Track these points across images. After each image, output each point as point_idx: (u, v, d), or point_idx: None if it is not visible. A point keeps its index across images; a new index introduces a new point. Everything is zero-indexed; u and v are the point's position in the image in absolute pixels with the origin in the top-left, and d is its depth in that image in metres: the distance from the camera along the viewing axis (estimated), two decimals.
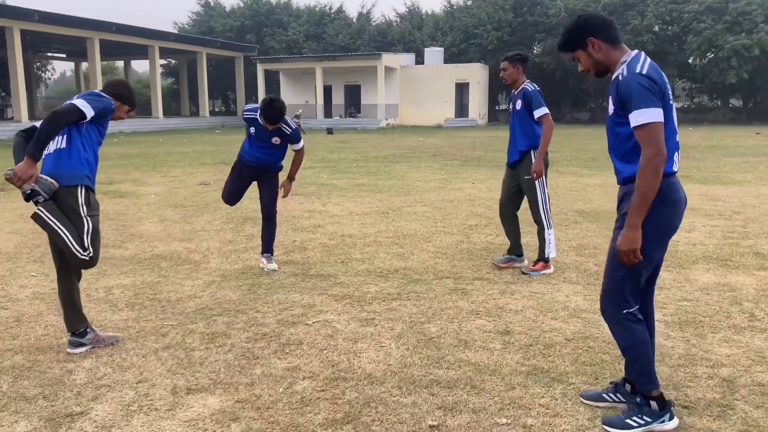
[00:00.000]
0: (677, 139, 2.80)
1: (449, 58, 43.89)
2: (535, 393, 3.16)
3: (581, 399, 3.08)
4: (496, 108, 49.54)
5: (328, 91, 42.21)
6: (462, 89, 41.11)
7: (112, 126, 34.43)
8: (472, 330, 4.04)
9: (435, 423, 2.87)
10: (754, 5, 37.74)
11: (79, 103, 3.56)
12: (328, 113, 41.86)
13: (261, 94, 42.22)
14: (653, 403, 2.82)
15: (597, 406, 3.02)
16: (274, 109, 5.05)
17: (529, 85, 5.31)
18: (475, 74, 40.89)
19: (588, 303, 4.56)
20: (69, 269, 3.76)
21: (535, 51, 44.92)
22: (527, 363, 3.53)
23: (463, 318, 4.27)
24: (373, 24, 51.03)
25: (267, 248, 5.57)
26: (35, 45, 40.20)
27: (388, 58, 39.33)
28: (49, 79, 63.79)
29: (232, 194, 5.56)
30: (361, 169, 14.28)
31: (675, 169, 2.77)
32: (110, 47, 37.67)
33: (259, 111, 5.20)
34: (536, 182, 5.32)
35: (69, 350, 3.74)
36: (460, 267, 5.61)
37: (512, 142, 5.46)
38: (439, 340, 3.87)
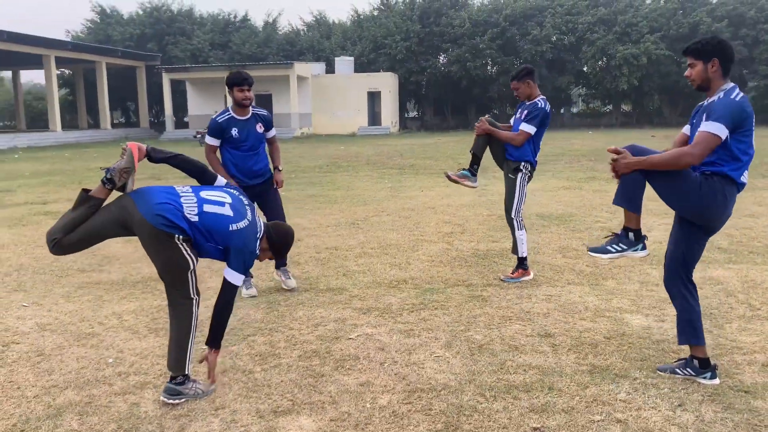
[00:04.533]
0: (751, 153, 3.25)
1: (359, 67, 44.26)
2: (609, 390, 3.36)
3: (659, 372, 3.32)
4: (406, 116, 50.47)
5: None
6: (374, 98, 41.56)
7: (5, 141, 32.15)
8: (515, 335, 4.21)
9: (538, 426, 3.01)
10: (640, 17, 40.69)
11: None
12: None
13: (167, 104, 40.82)
14: (695, 361, 3.44)
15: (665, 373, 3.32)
16: (240, 71, 5.19)
17: (541, 101, 5.35)
18: (386, 83, 41.48)
19: (603, 302, 4.85)
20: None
21: (441, 60, 46.16)
22: (584, 362, 3.73)
23: (498, 324, 4.43)
24: (281, 33, 50.58)
25: (282, 263, 5.49)
26: None
27: (300, 67, 39.14)
28: None
29: None
30: (302, 180, 14.19)
31: (744, 180, 3.18)
32: None
33: (227, 89, 5.19)
34: (518, 184, 5.45)
35: (164, 398, 3.33)
36: (463, 274, 5.77)
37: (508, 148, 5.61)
38: (490, 347, 4.01)
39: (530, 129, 5.33)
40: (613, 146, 3.36)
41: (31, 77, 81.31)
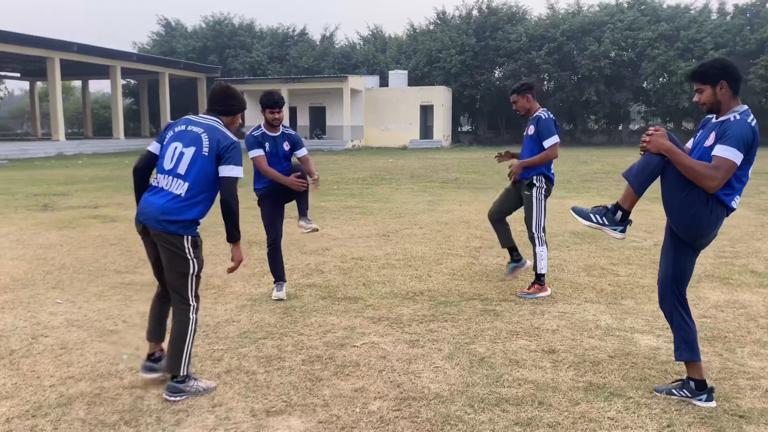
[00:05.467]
0: (745, 181, 3.26)
1: (413, 81, 44.54)
2: (600, 407, 3.36)
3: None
4: (459, 130, 50.36)
5: (293, 112, 42.28)
6: (426, 111, 41.72)
7: (73, 147, 33.73)
8: (518, 350, 4.22)
9: None
10: (704, 33, 39.56)
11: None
12: None
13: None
14: (692, 383, 3.40)
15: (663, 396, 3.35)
16: (273, 93, 5.38)
17: (543, 113, 5.55)
18: (440, 97, 41.59)
19: (616, 321, 4.80)
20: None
21: (496, 74, 45.97)
22: (582, 380, 3.73)
23: (504, 338, 4.45)
24: (337, 46, 51.45)
25: (302, 212, 5.59)
26: None
27: (354, 81, 39.70)
28: (1, 98, 62.16)
29: (271, 225, 5.51)
30: (344, 191, 14.42)
31: (734, 206, 3.22)
32: (68, 67, 36.92)
33: (261, 105, 5.36)
34: (534, 199, 5.50)
35: (166, 396, 3.50)
36: (481, 288, 5.80)
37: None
38: (491, 360, 4.04)
39: (556, 139, 5.44)
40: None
41: (100, 87, 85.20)
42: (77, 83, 56.34)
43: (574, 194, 13.37)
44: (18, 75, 47.30)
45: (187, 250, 3.52)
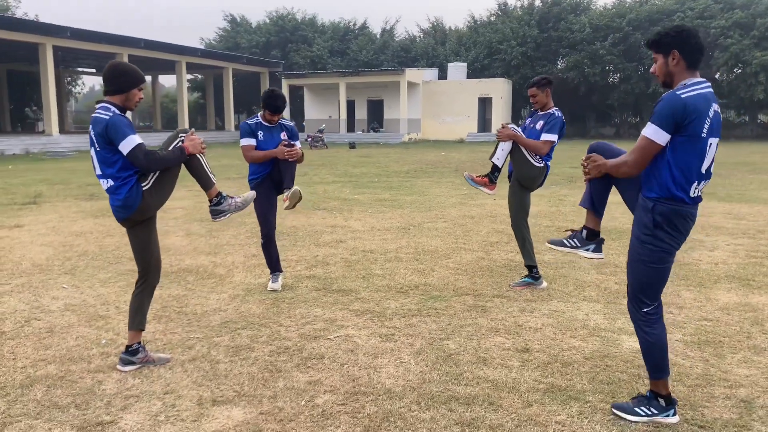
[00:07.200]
0: (702, 171, 2.90)
1: (472, 74, 44.01)
2: (551, 410, 3.21)
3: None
4: (519, 123, 49.31)
5: (351, 106, 42.57)
6: (485, 104, 41.17)
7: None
8: (491, 347, 4.10)
9: None
10: None
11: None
12: (351, 128, 42.19)
13: (286, 109, 42.66)
14: (661, 400, 3.08)
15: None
16: (278, 96, 5.37)
17: (558, 112, 5.37)
18: (499, 89, 40.91)
19: (607, 321, 4.59)
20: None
21: (559, 66, 44.85)
22: (545, 381, 3.57)
23: (482, 335, 4.32)
24: (397, 40, 51.40)
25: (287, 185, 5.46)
26: (66, 60, 41.16)
27: (411, 74, 39.56)
28: (79, 93, 65.21)
29: (264, 217, 5.50)
30: (383, 184, 14.40)
31: (688, 195, 2.91)
32: (138, 62, 38.36)
33: (262, 104, 5.40)
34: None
35: (119, 367, 3.76)
36: (480, 284, 5.66)
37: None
38: (458, 357, 3.93)
39: (553, 137, 5.32)
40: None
41: (172, 81, 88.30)
42: (148, 78, 58.49)
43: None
44: (93, 71, 49.53)
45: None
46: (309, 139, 32.24)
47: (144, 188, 3.65)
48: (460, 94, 40.81)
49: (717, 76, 41.21)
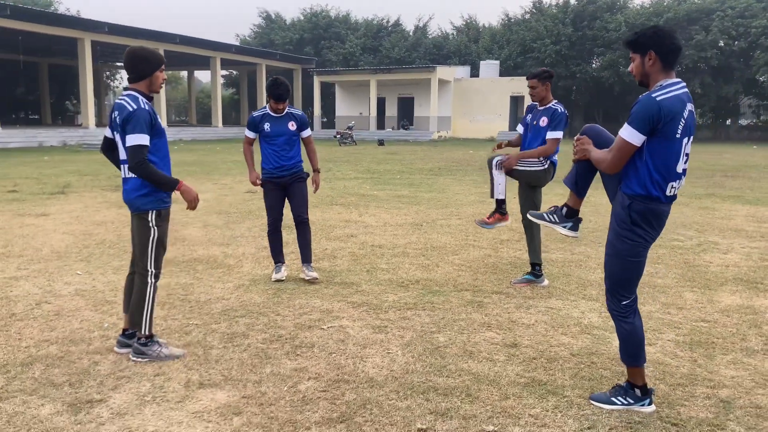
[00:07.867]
0: (678, 171, 2.96)
1: (505, 71, 43.69)
2: (527, 404, 3.24)
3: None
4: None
5: (381, 103, 42.68)
6: (517, 102, 40.85)
7: (173, 134, 35.70)
8: (480, 341, 4.14)
9: (424, 427, 3.00)
10: None
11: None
12: (381, 125, 42.28)
13: (317, 105, 43.04)
14: (637, 390, 3.15)
15: (592, 409, 3.09)
16: (280, 84, 5.44)
17: (558, 106, 5.36)
18: None
19: (602, 320, 4.58)
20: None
21: (593, 65, 44.25)
22: (527, 375, 3.61)
23: (473, 330, 4.37)
24: (430, 37, 51.32)
25: (306, 258, 5.69)
26: (105, 55, 42.12)
27: (442, 71, 39.47)
28: (117, 87, 66.68)
29: (271, 207, 5.69)
30: (404, 180, 14.46)
31: (664, 194, 2.96)
32: (175, 58, 39.12)
33: (267, 93, 5.52)
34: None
35: (116, 349, 3.92)
36: (482, 280, 5.69)
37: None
38: (445, 350, 3.99)
39: (559, 135, 5.32)
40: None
41: (208, 77, 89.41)
42: (184, 74, 59.56)
43: None
44: None
45: (150, 222, 3.80)
46: (338, 136, 32.45)
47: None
48: (492, 92, 40.57)
49: (757, 76, 40.17)
